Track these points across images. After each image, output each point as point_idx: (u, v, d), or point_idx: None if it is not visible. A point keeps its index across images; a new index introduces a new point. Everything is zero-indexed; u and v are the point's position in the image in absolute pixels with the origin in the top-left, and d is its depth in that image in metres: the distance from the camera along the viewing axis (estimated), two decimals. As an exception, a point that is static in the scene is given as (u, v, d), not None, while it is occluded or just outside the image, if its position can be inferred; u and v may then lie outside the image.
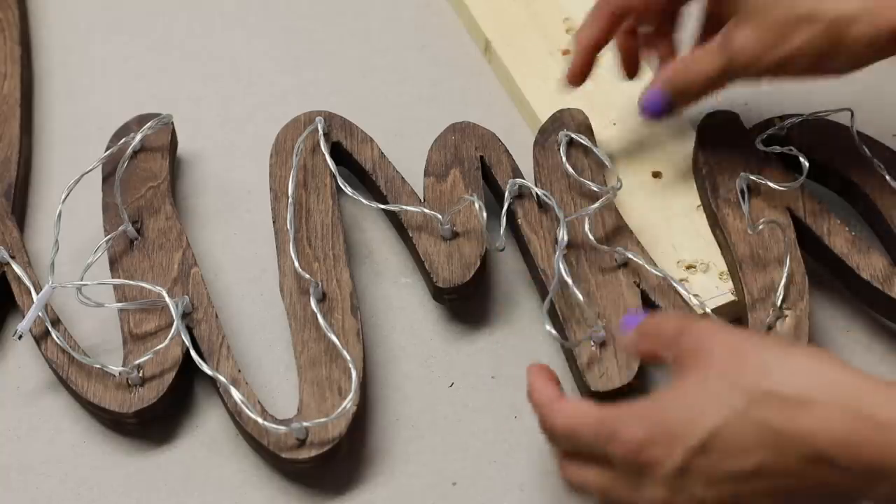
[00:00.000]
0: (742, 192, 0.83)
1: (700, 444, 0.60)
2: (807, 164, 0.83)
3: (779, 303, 0.78)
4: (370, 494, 0.78)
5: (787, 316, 0.78)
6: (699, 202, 0.87)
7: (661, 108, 0.82)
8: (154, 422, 0.79)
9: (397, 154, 0.88)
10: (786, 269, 0.79)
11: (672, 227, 0.86)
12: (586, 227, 0.81)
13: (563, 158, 0.85)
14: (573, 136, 0.87)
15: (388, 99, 0.98)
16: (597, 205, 0.82)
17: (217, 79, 1.00)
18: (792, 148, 0.85)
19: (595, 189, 0.84)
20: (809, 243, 0.83)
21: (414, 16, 1.04)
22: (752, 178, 0.83)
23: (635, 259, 0.81)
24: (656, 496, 0.62)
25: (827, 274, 0.83)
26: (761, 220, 0.81)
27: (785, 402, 0.59)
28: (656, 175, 0.89)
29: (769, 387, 0.60)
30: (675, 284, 0.80)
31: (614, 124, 0.91)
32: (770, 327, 0.78)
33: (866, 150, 0.84)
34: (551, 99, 0.91)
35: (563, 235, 0.80)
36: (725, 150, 0.86)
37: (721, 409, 0.60)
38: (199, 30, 1.03)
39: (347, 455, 0.78)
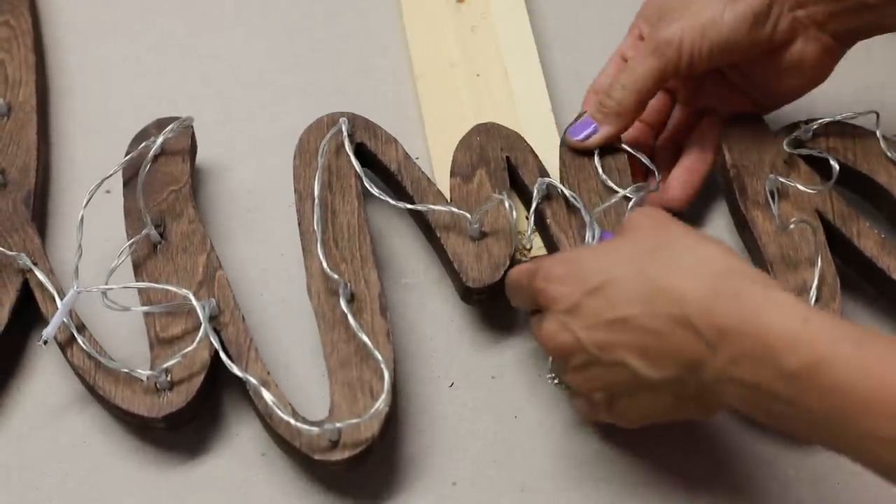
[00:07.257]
0: (772, 193, 0.82)
1: (594, 287, 0.67)
2: (837, 166, 0.82)
3: (812, 303, 0.78)
4: (370, 494, 0.77)
5: (819, 316, 0.77)
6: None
7: (588, 132, 0.84)
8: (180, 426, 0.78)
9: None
10: (817, 270, 0.79)
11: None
12: None
13: (597, 159, 0.85)
14: None
15: (387, 98, 0.97)
16: (621, 193, 0.83)
17: (236, 82, 0.99)
18: (822, 150, 0.84)
19: (628, 195, 0.83)
20: (839, 246, 0.82)
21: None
22: (782, 180, 0.83)
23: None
24: (548, 329, 0.69)
25: (855, 276, 0.83)
26: (792, 220, 0.80)
27: (670, 264, 0.65)
28: None
29: (664, 253, 0.66)
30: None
31: None
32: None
33: (891, 153, 0.84)
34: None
35: (590, 236, 0.79)
36: (752, 153, 0.86)
37: (626, 266, 0.66)
38: (217, 34, 1.03)
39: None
